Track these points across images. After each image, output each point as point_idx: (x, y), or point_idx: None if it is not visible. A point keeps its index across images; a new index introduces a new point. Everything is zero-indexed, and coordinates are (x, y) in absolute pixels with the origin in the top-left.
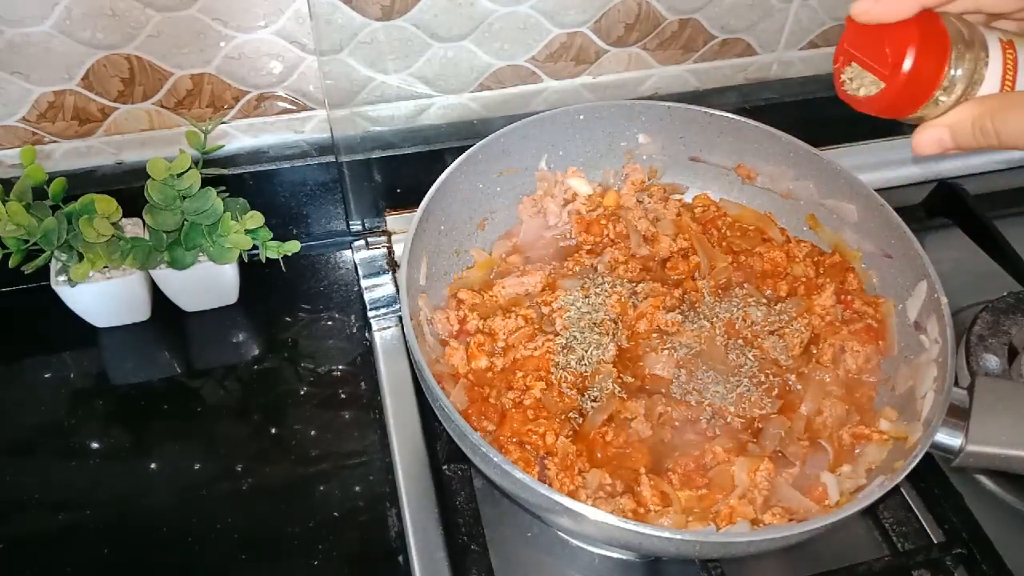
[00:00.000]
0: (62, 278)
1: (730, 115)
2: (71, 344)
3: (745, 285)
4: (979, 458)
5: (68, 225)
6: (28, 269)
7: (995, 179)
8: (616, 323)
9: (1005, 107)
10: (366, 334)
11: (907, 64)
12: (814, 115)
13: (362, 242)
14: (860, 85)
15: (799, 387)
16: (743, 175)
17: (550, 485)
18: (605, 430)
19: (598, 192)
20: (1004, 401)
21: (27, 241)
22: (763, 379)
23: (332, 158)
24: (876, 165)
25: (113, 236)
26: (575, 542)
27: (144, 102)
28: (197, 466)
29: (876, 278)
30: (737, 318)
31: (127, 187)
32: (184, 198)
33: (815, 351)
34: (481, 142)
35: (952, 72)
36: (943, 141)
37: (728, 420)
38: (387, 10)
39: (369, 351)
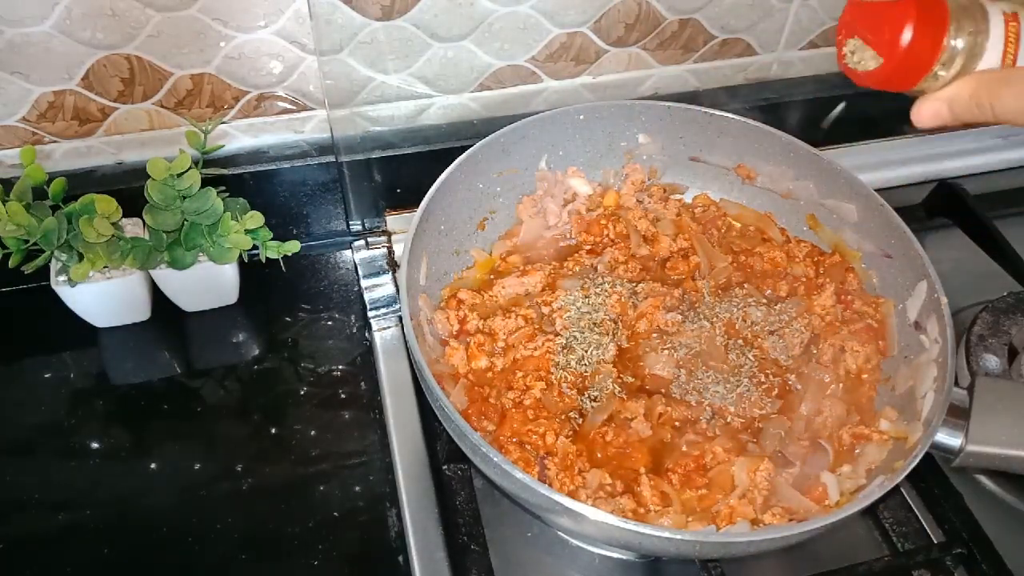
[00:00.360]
0: (62, 278)
1: (730, 115)
2: (71, 344)
3: (745, 285)
4: (979, 458)
5: (68, 225)
6: (28, 269)
7: (995, 179)
8: (616, 323)
9: (1002, 83)
10: (366, 334)
11: (904, 40)
12: (814, 115)
13: (362, 242)
14: (860, 59)
15: (799, 387)
16: (743, 175)
17: (550, 485)
18: (605, 430)
19: (598, 192)
20: (1004, 401)
21: (27, 241)
22: (763, 379)
23: (332, 158)
24: (876, 165)
25: (113, 236)
26: (575, 542)
27: (144, 102)
28: (197, 466)
29: (876, 278)
30: (737, 318)
31: (127, 187)
32: (184, 198)
33: (815, 351)
34: (481, 142)
35: (951, 46)
36: (941, 114)
37: (728, 420)
38: (387, 10)
39: (369, 351)
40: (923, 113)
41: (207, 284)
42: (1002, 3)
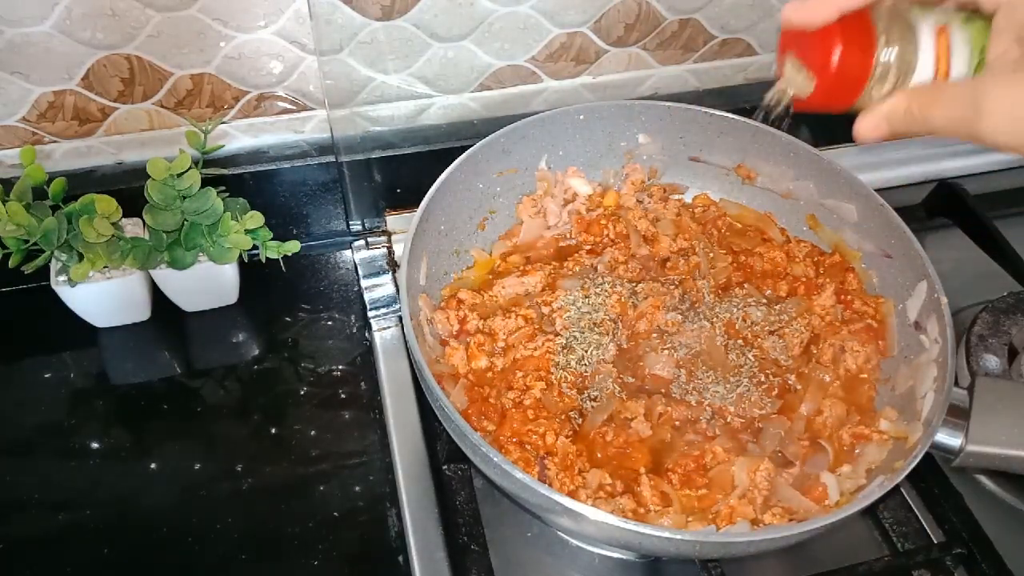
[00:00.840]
0: (62, 278)
1: (730, 115)
2: (71, 344)
3: (745, 285)
4: (979, 458)
5: (68, 225)
6: (28, 269)
7: (995, 179)
8: (616, 323)
9: (933, 96)
10: (366, 334)
11: (833, 64)
12: (814, 115)
13: (362, 242)
14: (798, 84)
15: (799, 387)
16: (743, 175)
17: (550, 485)
18: (605, 430)
19: (598, 192)
20: (1004, 401)
21: (27, 241)
22: (763, 379)
23: (332, 158)
24: (876, 165)
25: (113, 236)
26: (575, 542)
27: (144, 102)
28: (197, 466)
29: (876, 278)
30: (737, 318)
31: (127, 187)
32: (184, 198)
33: (815, 351)
34: (481, 142)
35: (882, 62)
36: (880, 128)
37: (728, 420)
38: (387, 10)
39: (369, 351)
40: (863, 128)
41: (207, 284)
42: (933, 17)
